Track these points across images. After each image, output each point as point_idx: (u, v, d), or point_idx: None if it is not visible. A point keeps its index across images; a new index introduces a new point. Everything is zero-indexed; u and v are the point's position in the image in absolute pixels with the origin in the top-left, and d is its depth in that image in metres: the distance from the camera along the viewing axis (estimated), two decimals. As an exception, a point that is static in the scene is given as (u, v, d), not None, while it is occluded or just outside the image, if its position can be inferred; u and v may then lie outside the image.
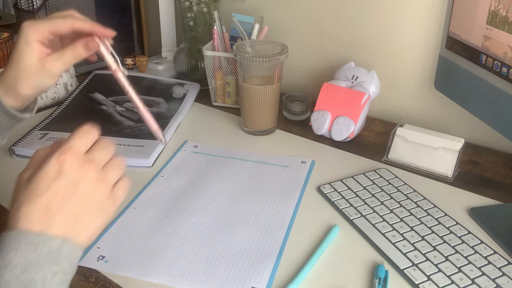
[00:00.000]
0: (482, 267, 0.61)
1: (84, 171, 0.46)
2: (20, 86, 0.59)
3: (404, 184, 0.78)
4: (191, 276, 0.60)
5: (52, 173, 0.45)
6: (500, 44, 0.69)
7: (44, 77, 0.59)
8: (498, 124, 0.73)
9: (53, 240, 0.43)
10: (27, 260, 0.42)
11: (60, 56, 0.59)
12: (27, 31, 0.58)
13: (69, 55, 0.59)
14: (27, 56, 0.58)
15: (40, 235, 0.43)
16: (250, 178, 0.81)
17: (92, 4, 1.22)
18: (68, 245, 0.44)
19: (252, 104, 0.93)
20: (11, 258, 0.41)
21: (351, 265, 0.63)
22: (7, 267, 0.41)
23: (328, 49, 1.08)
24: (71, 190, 0.45)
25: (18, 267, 0.41)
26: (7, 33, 1.08)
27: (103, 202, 0.47)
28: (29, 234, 0.43)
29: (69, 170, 0.45)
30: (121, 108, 1.01)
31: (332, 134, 0.91)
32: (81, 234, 0.46)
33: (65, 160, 0.45)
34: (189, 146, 0.91)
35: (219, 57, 1.03)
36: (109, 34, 0.62)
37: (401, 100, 1.02)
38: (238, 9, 1.15)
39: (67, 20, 0.60)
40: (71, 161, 0.45)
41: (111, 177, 0.49)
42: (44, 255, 0.42)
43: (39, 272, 0.42)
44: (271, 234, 0.68)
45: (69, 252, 0.44)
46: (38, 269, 0.42)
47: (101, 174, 0.47)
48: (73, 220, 0.45)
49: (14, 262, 0.41)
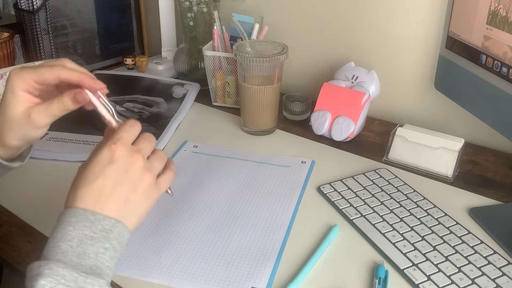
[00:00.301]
0: (482, 267, 0.61)
1: (133, 160, 0.51)
2: (6, 137, 0.57)
3: (404, 184, 0.78)
4: (191, 276, 0.60)
5: (105, 160, 0.50)
6: (500, 44, 0.69)
7: (30, 129, 0.57)
8: (498, 124, 0.73)
9: (107, 219, 0.48)
10: (83, 234, 0.46)
11: (45, 108, 0.56)
12: (13, 80, 0.56)
13: (55, 107, 0.57)
14: (12, 107, 0.56)
15: (95, 214, 0.48)
16: (250, 178, 0.81)
17: (92, 4, 1.22)
18: (119, 225, 0.49)
19: (252, 104, 0.93)
20: (69, 231, 0.46)
21: (351, 265, 0.63)
22: (65, 238, 0.46)
23: (328, 49, 1.08)
24: (122, 176, 0.50)
25: (75, 240, 0.46)
26: (7, 33, 1.08)
27: (149, 188, 0.52)
28: (86, 212, 0.48)
29: (120, 158, 0.50)
30: (121, 108, 1.01)
31: (332, 134, 0.91)
32: (130, 217, 0.50)
33: (116, 149, 0.50)
34: (189, 146, 0.91)
35: (219, 57, 1.03)
36: (98, 87, 0.59)
37: (401, 100, 1.02)
38: (238, 9, 1.15)
39: (54, 70, 0.57)
40: (121, 150, 0.50)
41: (156, 166, 0.53)
42: (98, 232, 0.47)
43: (93, 246, 0.46)
44: (271, 234, 0.68)
45: (119, 232, 0.48)
46: (92, 244, 0.46)
47: (148, 163, 0.52)
48: (124, 203, 0.50)
49: (71, 235, 0.46)
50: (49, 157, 0.85)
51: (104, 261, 0.47)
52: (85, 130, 0.93)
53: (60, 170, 0.83)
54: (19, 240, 0.67)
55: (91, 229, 0.47)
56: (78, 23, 1.20)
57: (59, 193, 0.77)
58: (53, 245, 0.46)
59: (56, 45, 1.16)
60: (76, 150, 0.86)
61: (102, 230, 0.48)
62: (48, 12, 1.12)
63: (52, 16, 1.13)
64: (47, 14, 1.12)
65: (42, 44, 1.13)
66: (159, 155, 0.54)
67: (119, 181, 0.50)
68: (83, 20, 1.21)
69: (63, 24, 1.17)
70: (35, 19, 1.10)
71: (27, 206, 0.73)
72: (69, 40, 1.19)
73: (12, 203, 0.73)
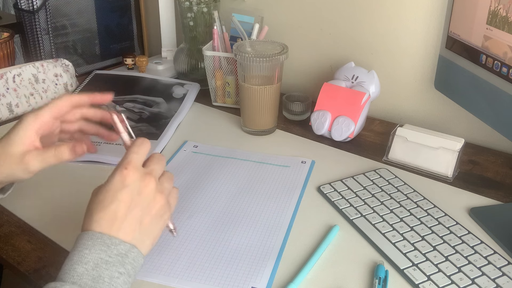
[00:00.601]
0: (482, 267, 0.61)
1: (145, 182, 0.52)
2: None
3: (404, 184, 0.78)
4: (191, 276, 0.60)
5: (117, 185, 0.51)
6: (500, 44, 0.69)
7: (20, 169, 0.57)
8: (498, 124, 0.73)
9: (122, 244, 0.49)
10: (99, 258, 0.47)
11: (41, 153, 0.57)
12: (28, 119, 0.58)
13: (51, 154, 0.57)
14: (15, 144, 0.57)
15: (111, 238, 0.49)
16: (250, 178, 0.81)
17: (92, 4, 1.22)
18: (134, 250, 0.50)
19: (252, 104, 0.93)
20: (86, 254, 0.47)
21: (351, 265, 0.63)
22: (81, 261, 0.47)
23: (328, 49, 1.08)
24: (136, 199, 0.51)
25: (91, 263, 0.47)
26: (7, 33, 1.08)
27: (161, 209, 0.53)
28: (103, 236, 0.48)
29: (132, 182, 0.51)
30: (121, 108, 1.01)
31: (332, 134, 0.91)
32: (145, 240, 0.51)
33: (128, 174, 0.51)
34: (189, 146, 0.90)
35: (219, 57, 1.03)
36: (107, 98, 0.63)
37: (401, 100, 1.02)
38: (238, 9, 1.15)
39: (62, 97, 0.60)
40: (133, 174, 0.51)
41: (167, 187, 0.54)
42: (114, 256, 0.48)
43: (108, 270, 0.47)
44: (271, 234, 0.68)
45: (134, 257, 0.49)
46: (107, 268, 0.47)
47: (159, 184, 0.53)
48: (138, 226, 0.51)
49: (87, 258, 0.47)
50: (49, 157, 0.85)
51: (118, 286, 0.47)
52: (85, 130, 0.93)
53: (60, 170, 0.83)
54: (19, 240, 0.67)
55: (107, 253, 0.48)
56: (78, 23, 1.20)
57: (59, 193, 0.77)
58: (69, 267, 0.47)
59: (56, 45, 1.16)
60: (76, 150, 0.86)
61: (118, 254, 0.48)
62: (48, 12, 1.12)
63: (52, 16, 1.13)
64: (47, 14, 1.12)
65: (42, 44, 1.13)
66: (169, 176, 0.56)
67: (133, 205, 0.51)
68: (83, 20, 1.21)
69: (63, 24, 1.17)
70: (35, 19, 1.10)
71: (27, 206, 0.73)
72: (69, 40, 1.19)
73: (12, 203, 0.73)
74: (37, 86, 1.02)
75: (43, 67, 1.04)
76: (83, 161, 0.85)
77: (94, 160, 0.84)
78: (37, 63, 1.04)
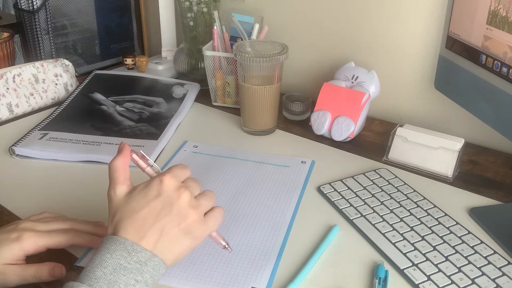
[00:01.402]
0: (482, 267, 0.61)
1: (179, 193, 0.52)
2: None
3: (404, 184, 0.78)
4: (191, 276, 0.60)
5: (153, 192, 0.52)
6: (500, 44, 0.69)
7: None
8: (498, 124, 0.73)
9: (143, 252, 0.49)
10: (118, 263, 0.47)
11: (21, 270, 0.56)
12: (26, 241, 0.57)
13: (30, 273, 0.56)
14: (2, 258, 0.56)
15: (133, 245, 0.49)
16: (250, 178, 0.81)
17: (92, 4, 1.22)
18: (155, 260, 0.49)
19: (252, 104, 0.93)
20: (107, 258, 0.48)
21: (351, 265, 0.63)
22: (101, 265, 0.47)
23: (328, 49, 1.08)
24: (167, 209, 0.51)
25: (109, 268, 0.47)
26: (7, 33, 1.08)
27: (192, 225, 0.52)
28: (126, 242, 0.49)
29: (167, 191, 0.51)
30: (121, 108, 1.01)
31: (332, 134, 0.91)
32: (167, 252, 0.51)
33: (165, 180, 0.52)
34: (189, 146, 0.90)
35: (219, 57, 1.03)
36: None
37: (401, 100, 1.02)
38: (238, 9, 1.15)
39: (67, 236, 0.59)
40: (170, 182, 0.52)
41: (203, 204, 0.54)
42: (133, 263, 0.48)
43: (125, 277, 0.47)
44: (271, 234, 0.68)
45: (154, 267, 0.49)
46: (125, 274, 0.47)
47: (194, 200, 0.53)
48: (160, 236, 0.50)
49: (107, 262, 0.47)
50: (49, 157, 0.85)
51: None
52: (85, 130, 0.93)
53: (60, 170, 0.83)
54: (19, 240, 0.67)
55: (127, 260, 0.48)
56: (78, 23, 1.20)
57: (59, 193, 0.77)
58: (89, 270, 0.47)
59: (56, 45, 1.16)
60: (76, 150, 0.86)
61: (137, 262, 0.48)
62: (48, 12, 1.12)
63: (52, 16, 1.13)
64: (47, 14, 1.12)
65: (42, 44, 1.13)
66: (208, 194, 0.55)
67: (162, 214, 0.51)
68: (83, 20, 1.21)
69: (63, 24, 1.17)
70: (35, 19, 1.10)
71: (27, 206, 0.73)
72: (69, 40, 1.19)
73: (12, 203, 0.73)
74: (37, 86, 1.02)
75: (43, 67, 1.04)
76: (83, 161, 0.85)
77: (94, 160, 0.84)
78: (37, 63, 1.04)
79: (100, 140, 0.90)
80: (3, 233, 0.58)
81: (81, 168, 0.83)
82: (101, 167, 0.84)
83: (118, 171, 0.54)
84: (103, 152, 0.85)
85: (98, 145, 0.88)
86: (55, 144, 0.87)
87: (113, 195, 0.53)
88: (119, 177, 0.54)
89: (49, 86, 1.04)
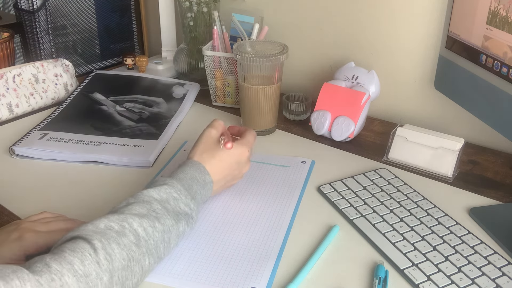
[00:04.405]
0: (482, 267, 0.61)
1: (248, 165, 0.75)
2: None
3: (404, 184, 0.78)
4: (191, 276, 0.60)
5: (235, 156, 0.72)
6: (500, 44, 0.69)
7: None
8: (498, 124, 0.73)
9: (208, 176, 0.68)
10: (194, 176, 0.66)
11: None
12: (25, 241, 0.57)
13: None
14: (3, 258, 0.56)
15: (205, 170, 0.68)
16: (250, 178, 0.81)
17: (92, 4, 1.22)
18: (210, 186, 0.69)
19: (252, 104, 0.93)
20: (187, 170, 0.67)
21: (351, 265, 0.63)
22: (183, 172, 0.66)
23: (328, 49, 1.08)
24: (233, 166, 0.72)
25: (189, 175, 0.66)
26: (7, 33, 1.08)
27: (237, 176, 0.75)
28: (200, 164, 0.68)
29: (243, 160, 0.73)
30: (121, 108, 1.01)
31: (332, 134, 0.91)
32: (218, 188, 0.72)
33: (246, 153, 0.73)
34: (189, 146, 0.90)
35: (219, 57, 1.03)
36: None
37: (401, 100, 1.02)
38: (238, 9, 1.15)
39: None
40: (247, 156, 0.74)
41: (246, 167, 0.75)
42: (201, 180, 0.67)
43: (196, 186, 0.66)
44: (271, 234, 0.68)
45: (208, 190, 0.68)
46: (196, 184, 0.66)
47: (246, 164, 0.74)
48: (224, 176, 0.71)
49: (187, 171, 0.66)
50: (49, 157, 0.85)
51: (203, 197, 0.67)
52: (85, 130, 0.93)
53: (60, 170, 0.83)
54: (19, 240, 0.67)
55: (200, 176, 0.67)
56: (78, 23, 1.20)
57: (59, 193, 0.77)
58: (173, 176, 0.65)
59: (56, 45, 1.16)
60: (76, 150, 0.86)
61: (203, 180, 0.67)
62: (48, 12, 1.12)
63: (52, 16, 1.13)
64: (47, 14, 1.12)
65: (42, 44, 1.13)
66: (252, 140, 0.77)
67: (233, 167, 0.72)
68: (83, 20, 1.21)
69: (63, 24, 1.17)
70: (35, 19, 1.10)
71: (27, 206, 0.73)
72: (69, 40, 1.19)
73: (12, 203, 0.73)
74: (37, 86, 1.02)
75: (43, 67, 1.04)
76: (83, 161, 0.85)
77: (94, 160, 0.84)
78: (37, 63, 1.04)
79: (100, 140, 0.90)
80: (4, 233, 0.58)
81: (81, 168, 0.83)
82: (101, 167, 0.84)
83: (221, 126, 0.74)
84: (103, 152, 0.85)
85: (98, 145, 0.88)
86: (55, 144, 0.87)
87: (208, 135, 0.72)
88: (220, 125, 0.73)
89: (49, 86, 1.04)
